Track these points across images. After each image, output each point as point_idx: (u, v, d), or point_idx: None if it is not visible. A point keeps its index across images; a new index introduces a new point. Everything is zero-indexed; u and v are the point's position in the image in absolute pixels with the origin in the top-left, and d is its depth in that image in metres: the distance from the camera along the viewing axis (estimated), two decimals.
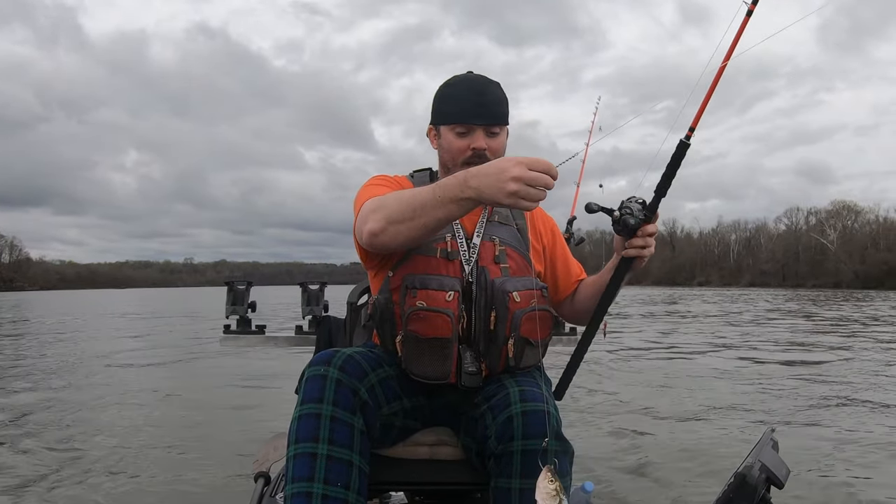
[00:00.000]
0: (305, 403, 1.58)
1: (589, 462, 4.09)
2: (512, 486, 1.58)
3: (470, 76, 1.89)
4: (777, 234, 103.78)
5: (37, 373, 8.65)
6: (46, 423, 5.39)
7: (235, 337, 2.87)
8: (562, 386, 1.86)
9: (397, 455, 1.80)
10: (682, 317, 20.74)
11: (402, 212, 1.56)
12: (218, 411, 6.02)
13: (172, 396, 6.86)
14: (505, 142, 1.89)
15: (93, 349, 11.90)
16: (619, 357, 9.98)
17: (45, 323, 20.82)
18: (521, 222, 1.98)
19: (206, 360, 9.94)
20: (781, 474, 1.67)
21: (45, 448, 4.54)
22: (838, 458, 4.26)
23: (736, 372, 8.39)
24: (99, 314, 26.46)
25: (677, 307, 28.18)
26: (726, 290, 71.62)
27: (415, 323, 1.70)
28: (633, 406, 6.13)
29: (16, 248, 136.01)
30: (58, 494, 3.56)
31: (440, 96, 1.90)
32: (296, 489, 1.52)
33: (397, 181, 1.94)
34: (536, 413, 1.59)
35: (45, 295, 78.06)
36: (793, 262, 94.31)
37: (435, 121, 1.90)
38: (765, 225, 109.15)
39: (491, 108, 1.83)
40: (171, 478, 3.83)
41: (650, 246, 1.73)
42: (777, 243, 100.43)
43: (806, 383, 7.44)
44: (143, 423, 5.49)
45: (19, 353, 11.31)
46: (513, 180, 1.41)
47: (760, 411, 5.85)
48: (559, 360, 1.96)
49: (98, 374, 8.58)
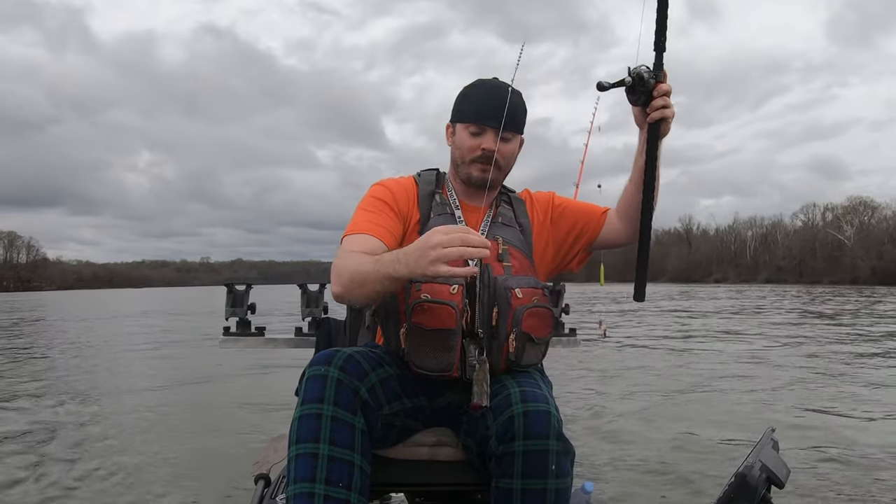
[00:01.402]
0: (306, 404, 1.59)
1: (589, 462, 4.11)
2: (513, 486, 1.57)
3: (494, 81, 1.95)
4: (793, 231, 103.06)
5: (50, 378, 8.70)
6: (47, 426, 5.42)
7: (235, 339, 2.87)
8: (639, 288, 1.91)
9: (397, 456, 1.79)
10: (692, 315, 20.71)
11: (353, 280, 1.67)
12: (219, 410, 6.09)
13: (175, 393, 6.97)
14: (517, 150, 1.97)
15: (105, 348, 12.00)
16: (622, 356, 10.03)
17: (67, 324, 20.94)
18: (525, 220, 2.02)
19: (210, 358, 9.97)
20: (782, 474, 1.66)
21: (45, 448, 4.60)
22: (839, 457, 4.27)
23: (739, 371, 8.40)
24: (122, 314, 26.68)
25: (690, 303, 28.04)
26: (743, 286, 71.22)
27: (419, 315, 1.70)
28: (634, 406, 6.14)
29: (33, 248, 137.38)
30: (58, 492, 3.59)
31: (461, 95, 1.97)
32: (297, 490, 1.53)
33: (401, 185, 1.97)
34: (538, 413, 1.59)
35: (63, 295, 78.58)
36: (809, 259, 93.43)
37: (453, 118, 1.98)
38: (781, 221, 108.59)
39: (506, 113, 1.87)
40: (172, 478, 3.85)
41: (670, 105, 1.76)
42: (793, 240, 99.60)
43: (810, 383, 7.43)
44: (145, 417, 5.61)
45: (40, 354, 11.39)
46: (431, 248, 1.50)
47: (762, 411, 5.87)
48: (560, 362, 1.96)
49: (103, 365, 8.67)
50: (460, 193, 2.00)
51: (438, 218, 1.91)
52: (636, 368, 8.69)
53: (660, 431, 5.08)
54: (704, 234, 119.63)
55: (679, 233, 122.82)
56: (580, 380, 7.67)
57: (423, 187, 1.98)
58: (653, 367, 8.75)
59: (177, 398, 6.79)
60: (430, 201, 1.95)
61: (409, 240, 1.86)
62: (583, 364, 8.75)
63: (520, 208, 2.05)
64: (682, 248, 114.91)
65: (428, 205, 1.94)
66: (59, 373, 8.72)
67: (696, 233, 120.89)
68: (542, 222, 2.07)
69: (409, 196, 1.96)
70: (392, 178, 2.03)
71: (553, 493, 1.57)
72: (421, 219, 1.93)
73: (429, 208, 1.94)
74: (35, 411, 6.07)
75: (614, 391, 6.92)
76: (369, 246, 1.77)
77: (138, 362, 9.90)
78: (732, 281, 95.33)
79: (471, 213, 1.98)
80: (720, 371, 8.30)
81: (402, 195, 1.95)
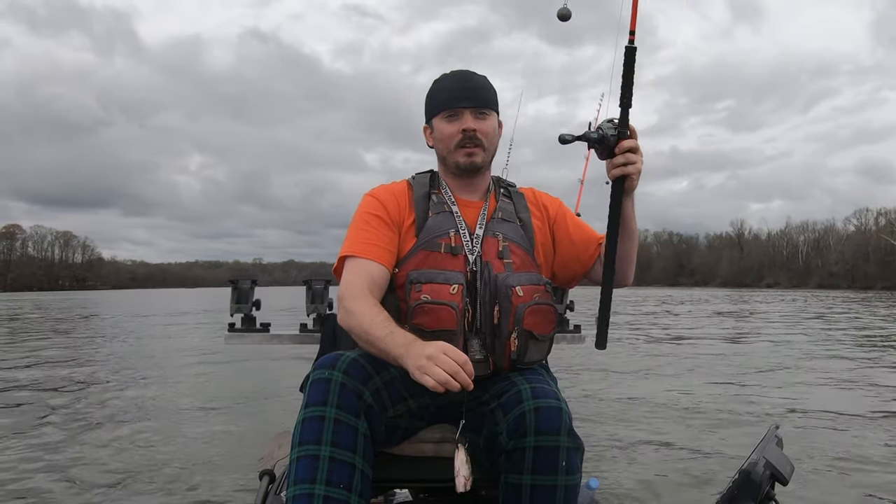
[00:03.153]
0: (309, 406, 1.60)
1: (594, 458, 4.08)
2: (523, 481, 1.57)
3: (455, 71, 1.98)
4: (846, 235, 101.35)
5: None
6: (54, 413, 5.52)
7: (240, 335, 2.88)
8: (601, 335, 1.86)
9: (402, 452, 1.80)
10: (676, 314, 20.41)
11: (359, 336, 1.74)
12: (228, 404, 6.13)
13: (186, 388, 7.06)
14: (495, 129, 1.96)
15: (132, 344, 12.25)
16: (630, 355, 9.97)
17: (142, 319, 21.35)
18: (526, 214, 2.00)
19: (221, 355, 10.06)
20: (786, 471, 1.65)
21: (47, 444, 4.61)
22: (842, 455, 4.20)
23: (742, 371, 8.31)
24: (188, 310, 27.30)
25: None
26: (795, 291, 69.98)
27: (420, 316, 1.71)
28: (640, 403, 6.10)
29: (88, 247, 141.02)
30: (56, 490, 3.60)
31: (429, 93, 1.98)
32: (298, 491, 1.53)
33: (391, 192, 1.97)
34: (549, 409, 1.58)
35: (121, 294, 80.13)
36: (862, 264, 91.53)
37: (427, 117, 1.98)
38: (833, 226, 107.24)
39: (476, 91, 1.91)
40: (176, 475, 3.84)
41: (633, 162, 1.73)
42: (846, 244, 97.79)
43: (814, 383, 7.35)
44: (152, 411, 5.69)
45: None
46: (426, 357, 1.54)
47: (764, 410, 5.79)
48: (562, 361, 1.95)
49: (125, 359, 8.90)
50: (455, 189, 1.98)
51: (437, 216, 1.90)
52: (646, 367, 8.66)
53: (666, 427, 5.07)
54: (756, 239, 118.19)
55: (731, 237, 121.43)
56: (587, 375, 7.72)
57: (417, 189, 1.97)
58: (661, 367, 8.69)
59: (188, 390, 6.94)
60: (427, 202, 1.93)
61: (403, 241, 1.88)
62: (592, 363, 8.71)
63: (520, 202, 2.03)
64: (734, 253, 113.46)
65: (424, 206, 1.92)
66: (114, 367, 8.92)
67: (748, 237, 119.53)
68: (542, 220, 2.04)
69: (399, 202, 1.94)
70: (384, 184, 2.04)
71: (563, 490, 1.57)
72: (417, 220, 1.91)
73: (425, 209, 1.92)
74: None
75: (620, 390, 6.91)
76: (371, 275, 1.81)
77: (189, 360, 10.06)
78: (784, 286, 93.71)
79: (467, 208, 1.95)
80: (728, 369, 8.14)
81: (393, 204, 1.94)
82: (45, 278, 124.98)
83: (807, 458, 4.11)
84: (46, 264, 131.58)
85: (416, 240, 1.86)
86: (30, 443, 4.60)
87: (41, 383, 7.45)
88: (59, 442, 4.63)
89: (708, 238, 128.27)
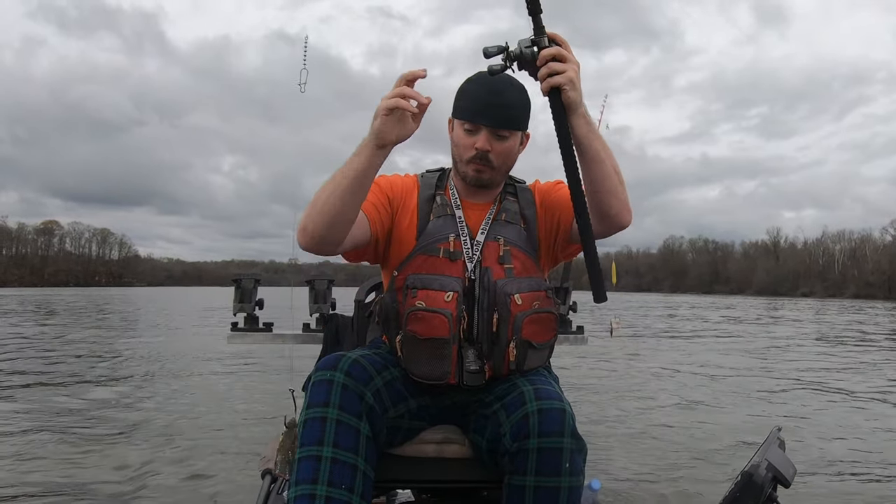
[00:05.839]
0: (311, 408, 1.60)
1: (596, 460, 4.07)
2: (526, 483, 1.57)
3: (488, 76, 1.74)
4: (883, 245, 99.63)
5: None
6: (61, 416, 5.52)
7: (243, 335, 2.89)
8: (597, 288, 1.57)
9: (404, 453, 1.80)
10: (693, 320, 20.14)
11: (325, 199, 1.62)
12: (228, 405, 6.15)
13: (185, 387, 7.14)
14: (515, 148, 1.85)
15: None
16: (633, 356, 10.03)
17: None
18: (530, 211, 1.93)
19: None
20: (788, 473, 1.63)
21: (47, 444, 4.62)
22: (845, 457, 4.23)
23: (744, 370, 8.38)
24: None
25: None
26: (831, 301, 68.97)
27: (413, 323, 1.71)
28: (643, 405, 6.11)
29: (125, 245, 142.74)
30: (56, 487, 3.63)
31: (459, 90, 1.86)
32: (299, 492, 1.54)
33: (402, 179, 1.95)
34: (552, 411, 1.59)
35: (160, 291, 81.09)
36: None
37: (453, 113, 1.87)
38: (870, 235, 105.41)
39: (500, 110, 1.78)
40: (179, 472, 3.88)
41: (561, 71, 1.52)
42: (883, 254, 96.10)
43: (818, 387, 7.35)
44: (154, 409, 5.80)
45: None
46: (382, 101, 1.54)
47: (766, 409, 5.86)
48: (563, 360, 1.95)
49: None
50: (462, 192, 1.92)
51: (438, 220, 1.86)
52: (649, 367, 8.73)
53: (669, 430, 5.10)
54: (792, 248, 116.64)
55: (766, 245, 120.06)
56: (590, 377, 7.76)
57: (423, 190, 1.92)
58: (665, 366, 8.75)
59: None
60: (430, 205, 1.89)
61: (403, 243, 1.86)
62: (597, 364, 8.77)
63: (525, 199, 1.95)
64: (769, 261, 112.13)
65: (427, 208, 1.89)
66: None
67: (784, 246, 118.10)
68: (542, 207, 1.95)
69: (407, 189, 1.92)
70: (398, 174, 1.99)
71: (566, 491, 1.57)
72: (419, 222, 1.87)
73: (428, 212, 1.88)
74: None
75: (623, 389, 6.99)
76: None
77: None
78: (819, 295, 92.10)
79: (473, 210, 1.90)
80: (730, 368, 8.20)
81: (400, 185, 1.92)
82: (81, 274, 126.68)
83: (811, 464, 4.10)
84: (83, 261, 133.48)
85: (416, 243, 1.84)
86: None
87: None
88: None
89: (744, 246, 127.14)
